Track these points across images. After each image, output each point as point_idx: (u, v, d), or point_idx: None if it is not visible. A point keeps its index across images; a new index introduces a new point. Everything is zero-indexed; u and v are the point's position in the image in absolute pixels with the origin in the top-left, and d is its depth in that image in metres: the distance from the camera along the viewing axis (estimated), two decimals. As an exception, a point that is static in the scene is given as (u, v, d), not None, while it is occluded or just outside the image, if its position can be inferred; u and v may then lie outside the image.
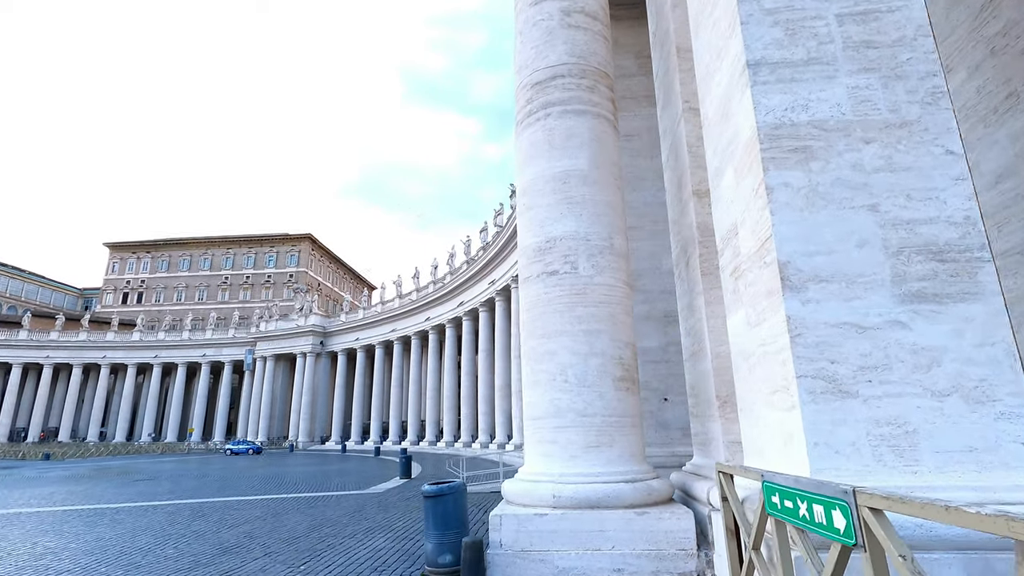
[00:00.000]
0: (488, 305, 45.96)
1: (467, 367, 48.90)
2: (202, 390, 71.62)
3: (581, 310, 6.60)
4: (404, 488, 18.37)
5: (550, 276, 6.81)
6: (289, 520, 11.59)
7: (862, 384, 3.97)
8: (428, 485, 6.65)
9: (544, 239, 6.97)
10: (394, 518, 11.32)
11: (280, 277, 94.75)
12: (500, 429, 41.20)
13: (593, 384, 6.36)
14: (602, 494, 5.79)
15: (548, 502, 5.89)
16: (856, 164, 4.40)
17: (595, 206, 7.01)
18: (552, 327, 6.63)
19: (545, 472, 6.20)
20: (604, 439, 6.22)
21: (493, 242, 43.77)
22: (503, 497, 6.78)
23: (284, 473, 27.23)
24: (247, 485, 20.80)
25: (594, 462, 6.12)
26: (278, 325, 70.99)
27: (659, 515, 5.66)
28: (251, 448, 52.68)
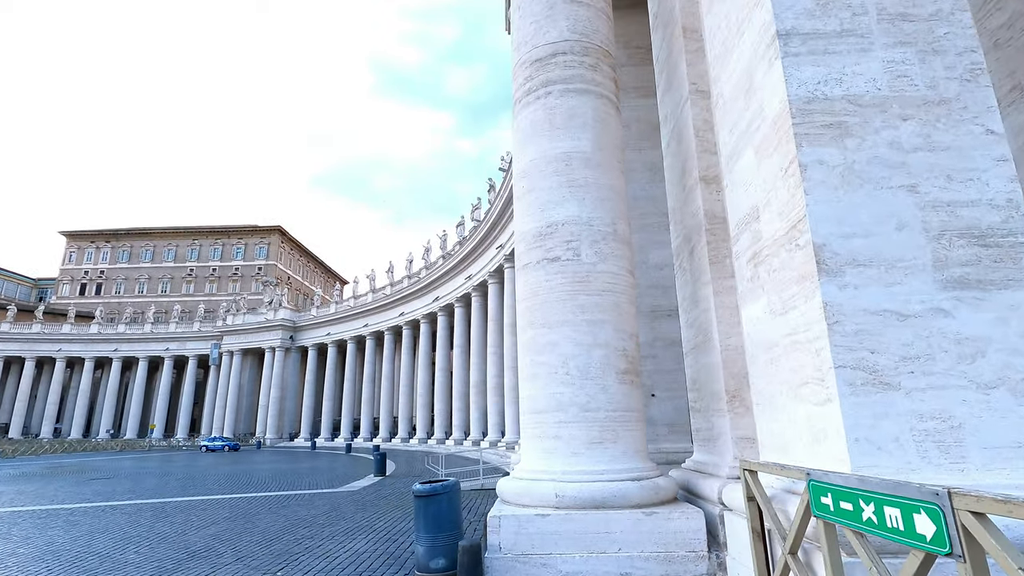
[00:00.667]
0: (464, 301, 45.44)
1: (442, 363, 48.31)
2: (165, 385, 69.22)
3: (584, 299, 6.24)
4: (380, 486, 17.81)
5: (551, 263, 6.44)
6: (261, 521, 10.98)
7: (904, 375, 3.70)
8: (420, 484, 6.21)
9: (545, 224, 6.59)
10: (374, 518, 10.81)
11: (248, 270, 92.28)
12: (475, 426, 40.78)
13: (596, 377, 6.01)
14: (608, 493, 5.44)
15: (550, 502, 5.52)
16: (893, 142, 4.13)
17: (598, 190, 6.66)
18: (553, 316, 6.26)
19: (546, 470, 5.83)
20: (608, 435, 5.88)
21: (470, 237, 43.25)
22: (498, 496, 6.39)
23: (252, 471, 26.30)
24: (213, 483, 19.93)
25: (598, 459, 5.77)
26: (246, 319, 69.08)
27: (668, 515, 5.35)
28: (227, 445, 51.01)
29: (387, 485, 18.04)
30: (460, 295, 45.34)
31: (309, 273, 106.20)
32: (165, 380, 69.43)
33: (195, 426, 72.48)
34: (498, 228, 37.27)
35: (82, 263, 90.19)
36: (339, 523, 10.29)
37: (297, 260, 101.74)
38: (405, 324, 54.62)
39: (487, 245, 39.91)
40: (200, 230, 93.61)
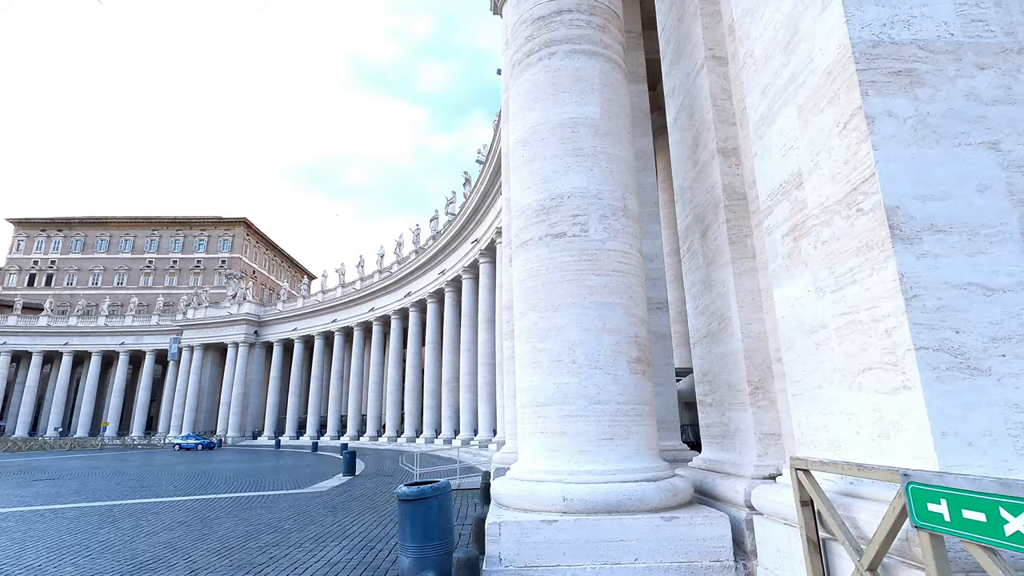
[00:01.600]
0: (437, 296, 44.50)
1: (413, 360, 47.27)
2: (119, 381, 66.12)
3: (592, 279, 5.60)
4: (349, 486, 16.89)
5: (556, 239, 5.78)
6: (220, 526, 10.03)
7: (994, 359, 3.16)
8: (405, 487, 5.46)
9: (548, 196, 5.92)
10: (347, 522, 9.98)
11: (211, 263, 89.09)
12: (447, 424, 39.93)
13: (606, 366, 5.38)
14: (622, 496, 4.81)
15: (557, 506, 4.86)
16: (970, 93, 3.60)
17: (608, 161, 6.03)
18: (558, 298, 5.60)
19: (550, 469, 5.17)
20: (619, 430, 5.25)
21: (444, 231, 42.33)
22: (493, 499, 5.70)
23: (212, 470, 24.94)
24: (169, 484, 18.67)
25: (608, 457, 5.14)
26: (208, 312, 66.56)
27: (690, 520, 4.75)
28: (201, 443, 48.68)
29: (357, 485, 17.14)
30: (433, 290, 44.37)
31: (275, 267, 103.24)
32: (120, 376, 66.34)
33: (151, 424, 69.57)
34: (474, 222, 36.49)
35: (31, 252, 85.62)
36: (308, 528, 9.44)
37: (263, 254, 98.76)
38: (375, 320, 53.31)
39: (462, 239, 39.08)
40: (160, 221, 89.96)
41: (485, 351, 34.45)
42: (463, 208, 38.04)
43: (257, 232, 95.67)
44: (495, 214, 32.39)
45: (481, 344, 35.00)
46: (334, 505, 12.49)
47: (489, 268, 35.18)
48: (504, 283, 12.87)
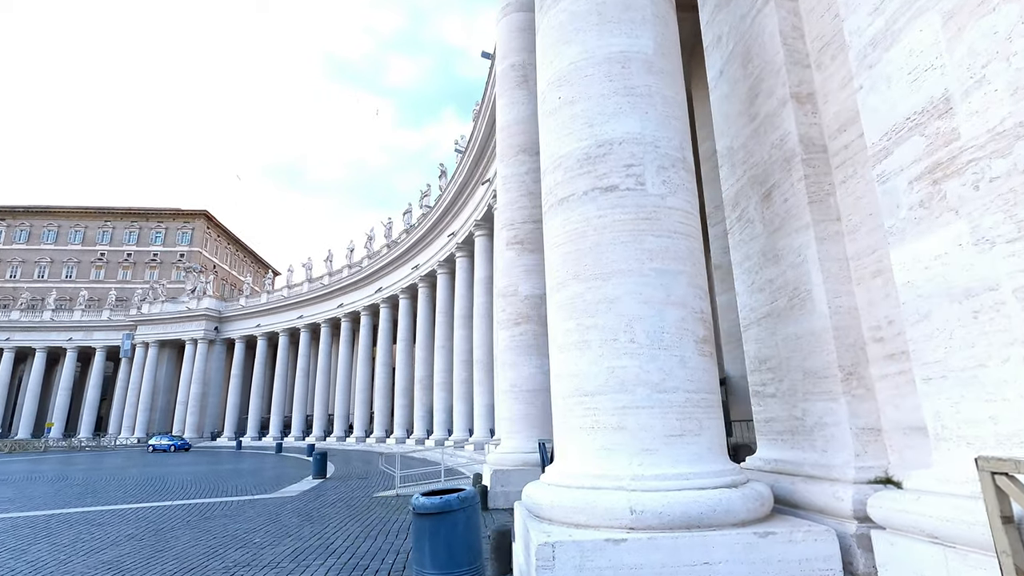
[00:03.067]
0: (410, 292, 43.06)
1: (383, 358, 45.68)
2: (66, 379, 62.31)
3: (652, 241, 4.61)
4: (322, 490, 15.53)
5: (606, 193, 4.76)
6: (177, 540, 8.68)
7: None
8: (423, 496, 4.32)
9: (595, 143, 4.90)
10: (328, 534, 8.74)
11: (168, 256, 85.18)
12: (419, 424, 38.57)
13: (671, 346, 4.39)
14: (705, 507, 3.83)
15: (622, 520, 3.84)
16: None
17: (664, 103, 5.06)
18: (611, 263, 4.58)
19: (606, 474, 4.14)
20: (690, 424, 4.27)
21: (419, 224, 40.96)
22: (525, 511, 4.65)
23: (168, 474, 23.08)
24: (118, 491, 16.93)
25: (678, 458, 4.15)
26: (164, 307, 63.36)
27: (790, 536, 3.80)
28: (175, 444, 45.62)
29: (330, 489, 15.79)
30: (406, 286, 42.92)
31: (238, 263, 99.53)
32: (67, 374, 62.51)
33: (101, 425, 65.82)
34: (451, 214, 35.26)
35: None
36: (283, 542, 8.18)
37: (225, 248, 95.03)
38: (344, 316, 51.46)
39: (438, 232, 37.79)
40: (113, 211, 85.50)
41: (461, 348, 33.26)
42: (439, 201, 36.78)
43: (219, 225, 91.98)
44: (474, 205, 31.26)
45: (457, 341, 33.79)
46: (309, 512, 11.19)
47: (467, 262, 34.01)
48: (502, 267, 11.81)
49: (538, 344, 11.06)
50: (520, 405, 10.80)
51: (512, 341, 11.21)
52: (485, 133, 27.19)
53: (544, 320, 11.22)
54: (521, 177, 11.97)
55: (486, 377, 28.63)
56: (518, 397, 10.87)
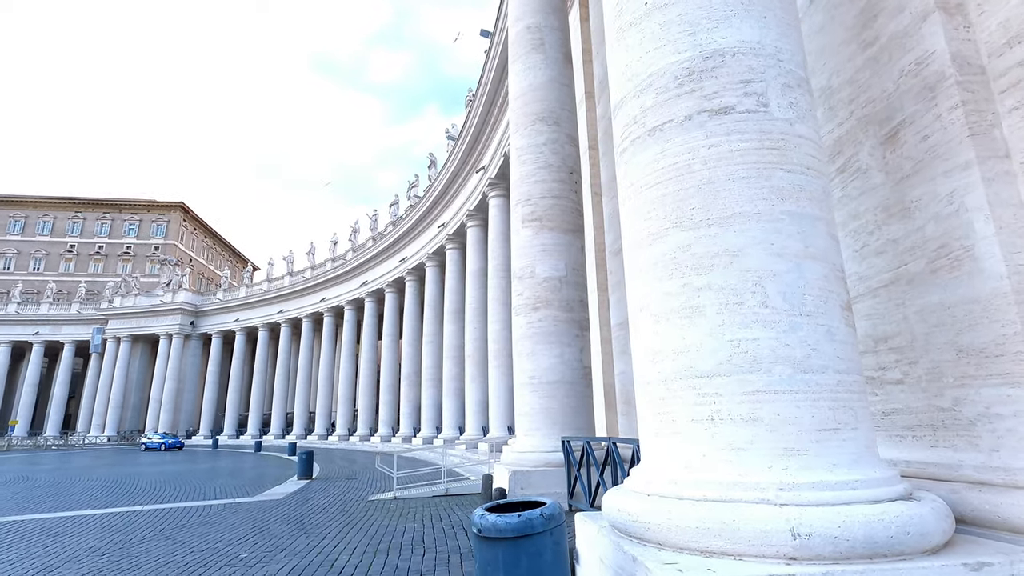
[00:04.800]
0: (396, 285, 41.69)
1: (368, 353, 44.23)
2: (32, 375, 59.59)
3: (782, 177, 3.54)
4: (309, 492, 14.25)
5: (718, 116, 3.67)
6: (148, 554, 7.40)
7: None
8: (487, 513, 3.12)
9: (700, 54, 3.80)
10: (328, 547, 7.52)
11: (142, 249, 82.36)
12: (406, 421, 37.26)
13: (815, 312, 3.32)
14: (894, 528, 2.77)
15: (780, 548, 2.76)
16: None
17: (783, 8, 3.99)
18: (730, 205, 3.49)
19: (741, 481, 3.06)
20: (845, 416, 3.21)
21: (407, 215, 39.59)
22: (615, 527, 3.54)
23: (139, 474, 21.50)
24: (84, 493, 15.42)
25: (835, 460, 3.09)
26: (137, 301, 60.96)
27: (1011, 569, 2.75)
28: (166, 443, 43.15)
29: (318, 491, 14.52)
30: (392, 279, 41.54)
31: (215, 256, 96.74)
32: (33, 369, 59.77)
33: (69, 423, 63.12)
34: (441, 205, 34.01)
35: (-70, 231, 76.62)
36: (276, 557, 6.95)
37: (201, 241, 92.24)
38: (327, 310, 49.84)
39: (427, 224, 36.51)
40: (84, 202, 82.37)
41: (451, 343, 32.04)
42: (429, 190, 35.47)
43: (195, 218, 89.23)
44: (467, 195, 30.07)
45: (447, 336, 32.56)
46: (300, 519, 9.94)
47: (458, 255, 32.80)
48: (517, 246, 10.69)
49: (558, 331, 9.97)
50: (539, 399, 9.70)
51: (530, 328, 10.09)
52: (481, 118, 26.02)
53: (566, 304, 10.13)
54: (539, 148, 10.86)
55: (479, 373, 27.48)
56: (536, 390, 9.77)
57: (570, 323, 10.06)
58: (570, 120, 11.42)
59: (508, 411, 23.42)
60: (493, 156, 25.59)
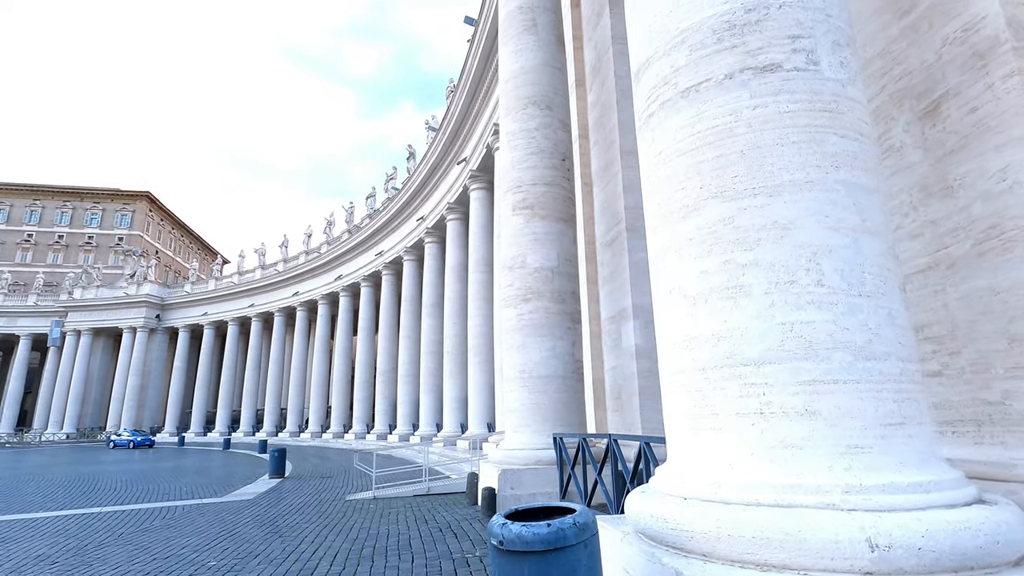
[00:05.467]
0: (373, 280, 40.86)
1: (342, 349, 43.29)
2: (-15, 369, 56.78)
3: (836, 143, 3.16)
4: (282, 492, 13.58)
5: (763, 75, 3.27)
6: (105, 562, 6.75)
7: None
8: (510, 522, 2.63)
9: (742, 5, 3.40)
10: (306, 552, 6.97)
11: (106, 240, 79.38)
12: (381, 418, 36.53)
13: (875, 293, 2.96)
14: (983, 537, 2.42)
15: (856, 561, 2.38)
16: None
17: (829, -40, 3.61)
18: (778, 172, 3.11)
19: (799, 483, 2.67)
20: (910, 409, 2.85)
21: (384, 208, 38.78)
22: (648, 537, 3.13)
23: (100, 473, 20.43)
24: (38, 494, 14.45)
25: (902, 459, 2.73)
26: (100, 293, 58.64)
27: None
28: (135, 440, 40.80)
29: (292, 490, 13.86)
30: (368, 273, 40.69)
31: (183, 249, 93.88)
32: (-14, 363, 56.96)
33: (25, 419, 60.42)
34: (420, 197, 33.34)
35: None
36: (248, 565, 6.37)
37: (169, 233, 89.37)
38: (300, 305, 48.63)
39: (405, 217, 35.79)
40: (43, 189, 79.01)
41: (430, 338, 31.45)
42: (407, 183, 34.76)
43: (162, 208, 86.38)
44: (447, 187, 29.48)
45: (425, 331, 31.95)
46: (274, 521, 9.34)
47: (437, 248, 32.19)
48: (507, 235, 10.24)
49: (550, 323, 9.55)
50: (530, 394, 9.27)
51: (520, 320, 9.65)
52: (463, 108, 25.46)
53: (558, 296, 9.72)
54: (530, 133, 10.42)
55: (458, 369, 26.98)
56: (527, 384, 9.34)
57: (562, 315, 9.66)
58: (563, 105, 11.01)
59: (488, 408, 22.98)
60: (475, 147, 25.06)
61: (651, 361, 9.81)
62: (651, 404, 9.67)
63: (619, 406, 10.58)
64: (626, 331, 10.19)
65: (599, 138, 11.88)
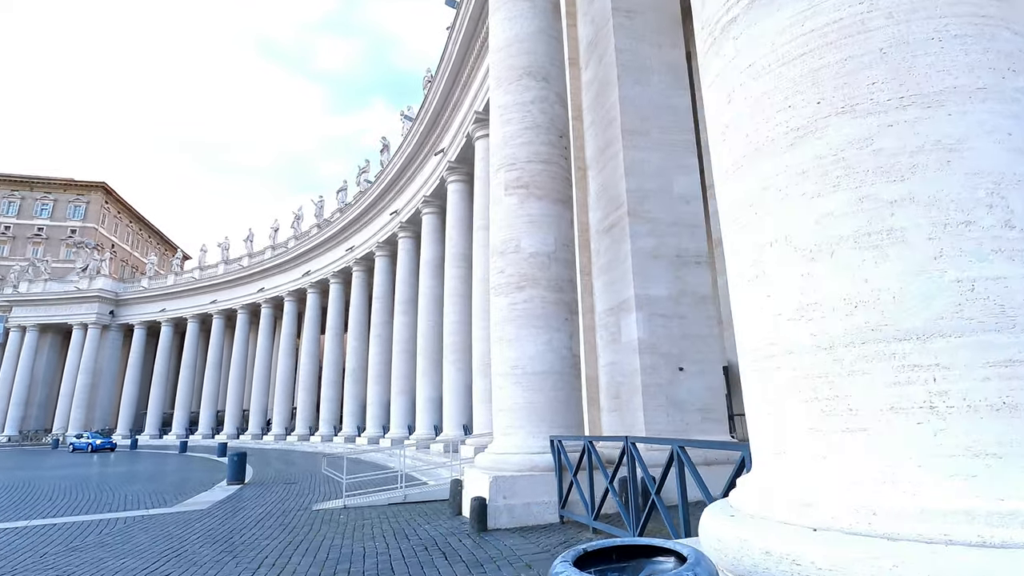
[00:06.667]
0: (342, 276, 39.33)
1: (309, 347, 41.59)
2: (-83, 367, 52.92)
3: (1009, 39, 2.32)
4: (241, 500, 12.31)
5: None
6: (16, 593, 5.53)
7: None
8: (573, 565, 1.75)
9: None
10: (261, 576, 5.86)
11: (57, 232, 75.30)
12: (349, 420, 35.07)
13: (1078, 241, 2.12)
14: None
15: None
16: None
17: None
18: (936, 77, 2.25)
19: (1005, 510, 1.81)
20: None
21: (356, 202, 37.34)
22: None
23: (37, 480, 18.62)
24: (-43, 505, 12.79)
25: None
26: (48, 287, 55.36)
27: None
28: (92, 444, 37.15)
29: (252, 498, 12.60)
30: (338, 269, 39.15)
31: (141, 243, 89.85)
32: (-81, 360, 53.10)
33: (-37, 421, 56.41)
34: (395, 190, 32.10)
35: None
36: (192, 594, 5.25)
37: (126, 226, 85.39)
38: (265, 301, 46.64)
39: (378, 211, 34.47)
40: (-13, 175, 74.40)
41: (402, 337, 30.22)
42: (381, 175, 33.45)
43: (120, 201, 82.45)
44: (423, 179, 28.35)
45: (397, 329, 30.71)
46: (229, 537, 8.16)
47: (411, 244, 31.01)
48: (498, 217, 9.30)
49: (546, 314, 8.64)
50: (524, 392, 8.33)
51: (513, 311, 8.71)
52: (442, 97, 24.41)
53: (555, 284, 8.82)
54: (526, 106, 9.51)
55: (432, 368, 25.84)
56: (520, 381, 8.40)
57: (559, 305, 8.76)
58: (559, 79, 10.14)
59: (465, 409, 21.95)
60: (454, 138, 24.04)
61: (656, 356, 9.00)
62: (655, 404, 8.86)
63: (617, 406, 9.75)
64: (627, 324, 9.37)
65: (596, 118, 11.06)
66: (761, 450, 2.72)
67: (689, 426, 8.86)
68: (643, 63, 10.40)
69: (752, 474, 2.85)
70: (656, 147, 9.97)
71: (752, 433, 2.85)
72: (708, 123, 3.28)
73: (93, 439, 38.14)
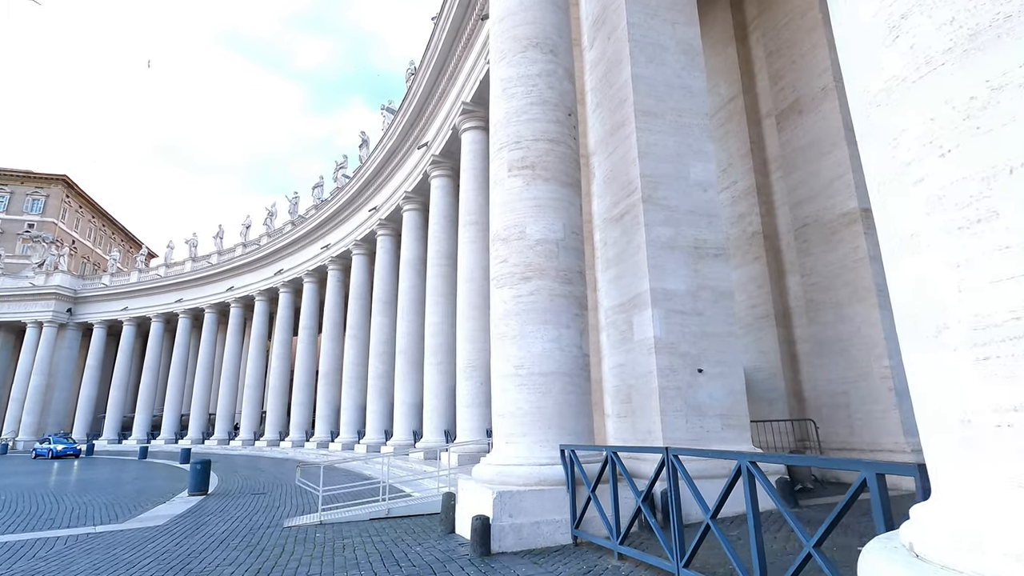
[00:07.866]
0: (317, 275, 37.90)
1: (281, 349, 39.96)
2: None
3: None
4: (203, 513, 11.08)
5: None
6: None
7: None
8: None
9: None
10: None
11: (13, 226, 71.57)
12: (322, 424, 33.63)
13: None
14: None
15: None
16: None
17: None
18: None
19: None
20: None
21: (333, 198, 36.00)
22: None
23: (-27, 491, 16.90)
24: None
25: None
26: (1, 283, 52.27)
27: None
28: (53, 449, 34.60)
29: (216, 511, 11.37)
30: (313, 268, 37.71)
31: (104, 239, 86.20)
32: None
33: (-97, 424, 52.86)
34: (374, 186, 30.93)
35: None
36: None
37: (88, 221, 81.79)
38: (234, 301, 44.80)
39: (356, 207, 33.22)
40: (-61, 165, 70.45)
41: (380, 338, 29.01)
42: (360, 170, 32.25)
43: (81, 195, 78.92)
44: (405, 174, 27.27)
45: (375, 329, 29.50)
46: (186, 561, 7.02)
47: (390, 241, 29.87)
48: (501, 201, 8.39)
49: (555, 308, 7.74)
50: (529, 394, 7.40)
51: (517, 304, 7.78)
52: (427, 88, 23.42)
53: (564, 275, 7.93)
54: (531, 79, 8.63)
55: (412, 370, 24.70)
56: (525, 383, 7.46)
57: (568, 299, 7.87)
58: (567, 52, 9.30)
59: (448, 414, 20.90)
60: (439, 131, 23.07)
61: (674, 357, 8.18)
62: (673, 409, 8.03)
63: (627, 411, 8.90)
64: (641, 321, 8.53)
65: (603, 99, 10.26)
66: (947, 466, 1.86)
67: (709, 433, 8.05)
68: (657, 40, 9.64)
69: (938, 508, 1.99)
70: (671, 130, 9.20)
71: (932, 452, 2.00)
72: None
73: (54, 444, 35.66)
